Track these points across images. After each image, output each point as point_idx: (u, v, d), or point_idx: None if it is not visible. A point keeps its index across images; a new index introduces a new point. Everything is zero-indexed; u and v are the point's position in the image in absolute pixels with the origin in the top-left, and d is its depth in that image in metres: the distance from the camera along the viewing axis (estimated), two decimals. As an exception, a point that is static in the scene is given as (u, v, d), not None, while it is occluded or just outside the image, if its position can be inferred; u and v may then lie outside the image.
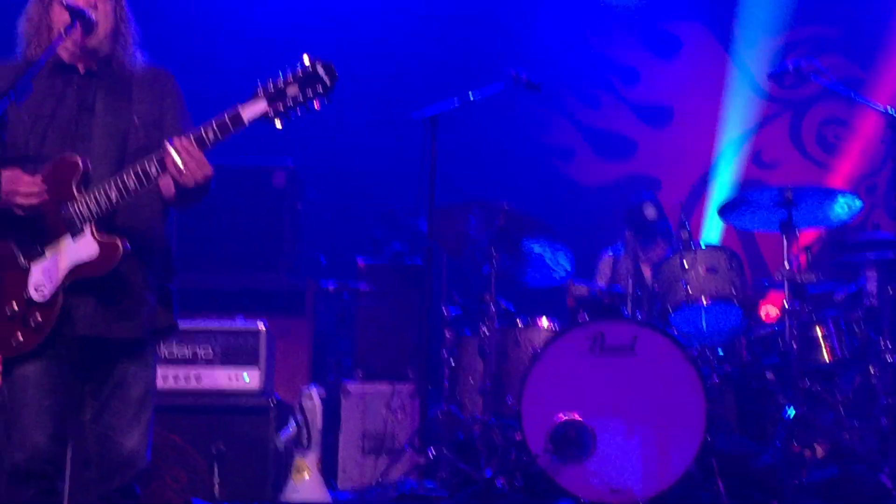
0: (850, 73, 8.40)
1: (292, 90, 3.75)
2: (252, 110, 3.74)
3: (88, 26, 3.97)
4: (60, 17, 3.95)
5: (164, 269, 4.10)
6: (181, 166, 3.68)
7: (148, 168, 3.79)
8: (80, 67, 4.06)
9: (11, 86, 3.69)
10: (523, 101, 7.48)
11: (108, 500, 3.96)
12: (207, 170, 3.72)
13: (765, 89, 8.73)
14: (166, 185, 3.91)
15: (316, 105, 3.76)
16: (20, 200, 3.81)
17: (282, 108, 3.74)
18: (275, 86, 3.75)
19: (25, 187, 3.82)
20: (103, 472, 3.96)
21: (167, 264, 4.12)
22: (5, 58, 4.09)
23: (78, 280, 3.84)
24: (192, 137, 3.72)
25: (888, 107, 5.89)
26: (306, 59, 3.76)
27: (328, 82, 3.74)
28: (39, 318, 3.84)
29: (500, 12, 8.69)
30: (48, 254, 3.86)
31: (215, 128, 3.72)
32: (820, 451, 5.69)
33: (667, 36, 8.90)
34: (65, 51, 4.04)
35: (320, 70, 3.74)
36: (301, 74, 3.75)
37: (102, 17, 4.02)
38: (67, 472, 4.23)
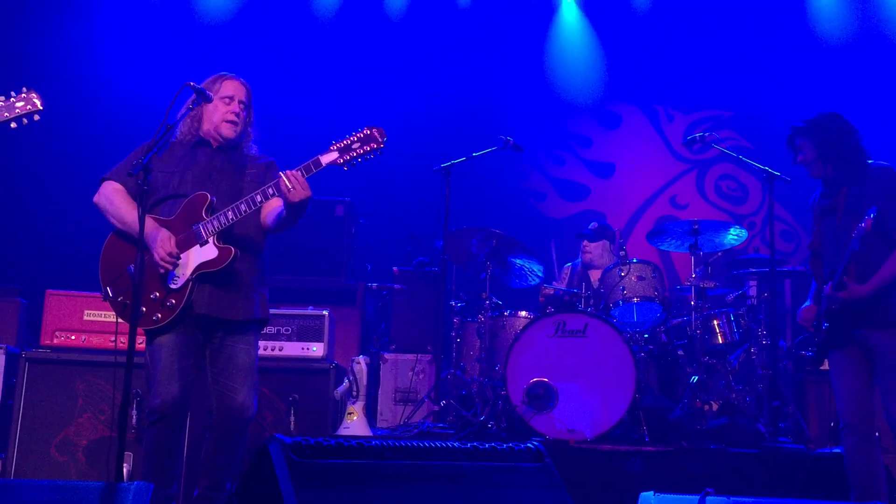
0: (739, 143, 8.41)
1: (356, 146, 3.84)
2: (327, 158, 3.85)
3: (208, 100, 4.04)
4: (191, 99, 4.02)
5: (262, 275, 4.16)
6: (290, 187, 3.75)
7: (254, 198, 3.87)
8: (214, 144, 4.13)
9: (155, 143, 3.76)
10: (511, 159, 7.48)
11: (226, 440, 3.98)
12: (308, 192, 3.83)
13: (679, 152, 8.74)
14: (272, 215, 3.98)
15: (371, 157, 3.85)
16: (160, 252, 3.84)
17: (347, 158, 3.82)
18: (344, 143, 3.84)
19: (163, 244, 3.85)
20: (221, 419, 3.98)
21: (264, 272, 4.18)
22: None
23: (203, 274, 3.88)
24: (297, 170, 3.80)
25: (766, 167, 5.88)
26: (366, 128, 3.85)
27: (380, 141, 3.83)
28: (173, 301, 3.88)
29: (495, 96, 8.71)
30: (182, 256, 3.90)
31: (301, 169, 3.85)
32: (715, 407, 5.68)
33: (611, 114, 8.91)
34: (203, 131, 4.15)
35: (375, 133, 3.83)
36: (362, 135, 3.84)
37: (241, 121, 4.15)
38: (188, 414, 4.25)
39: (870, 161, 4.38)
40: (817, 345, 4.40)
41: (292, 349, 5.59)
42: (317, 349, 5.59)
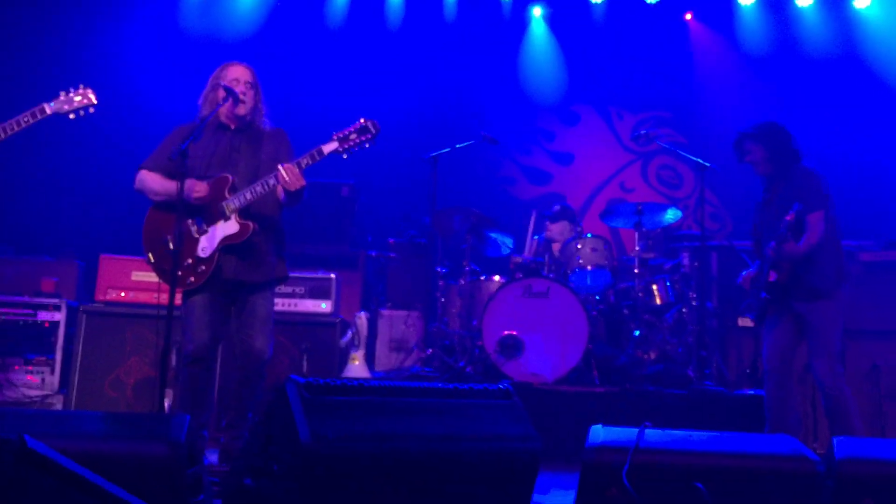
0: (677, 138, 8.42)
1: (353, 136, 3.79)
2: (328, 147, 3.79)
3: (237, 100, 3.99)
4: (221, 95, 3.97)
5: (280, 241, 4.14)
6: (286, 178, 3.71)
7: (267, 181, 3.83)
8: (232, 126, 4.08)
9: (191, 132, 3.72)
10: (487, 150, 7.44)
11: (247, 378, 3.99)
12: (302, 182, 3.77)
13: (627, 145, 8.73)
14: (281, 192, 3.95)
15: (367, 146, 3.80)
16: (195, 195, 3.85)
17: (346, 146, 3.77)
18: (343, 133, 3.79)
19: (197, 188, 3.86)
20: (243, 361, 3.99)
21: (281, 239, 4.15)
22: (188, 122, 4.10)
23: (227, 245, 3.86)
24: (294, 163, 3.76)
25: (698, 159, 5.90)
26: (362, 119, 3.80)
27: (374, 132, 3.78)
28: (203, 268, 3.87)
29: (476, 97, 8.65)
30: (210, 230, 3.89)
31: (307, 157, 3.78)
32: (653, 356, 5.75)
33: (571, 113, 8.88)
34: (223, 115, 4.06)
35: (369, 125, 3.79)
36: (358, 127, 3.79)
37: (249, 99, 4.05)
38: (219, 359, 4.24)
39: (800, 163, 4.47)
40: (758, 309, 4.55)
41: (305, 306, 5.61)
42: (325, 306, 5.61)
